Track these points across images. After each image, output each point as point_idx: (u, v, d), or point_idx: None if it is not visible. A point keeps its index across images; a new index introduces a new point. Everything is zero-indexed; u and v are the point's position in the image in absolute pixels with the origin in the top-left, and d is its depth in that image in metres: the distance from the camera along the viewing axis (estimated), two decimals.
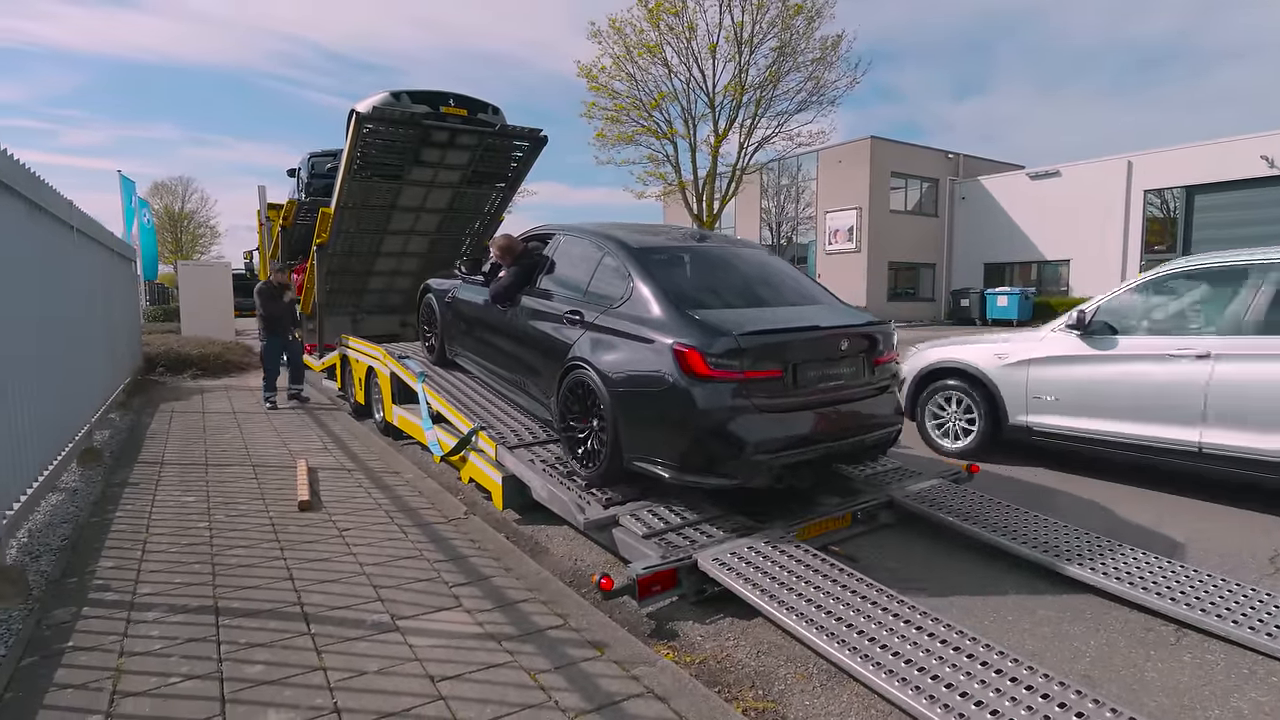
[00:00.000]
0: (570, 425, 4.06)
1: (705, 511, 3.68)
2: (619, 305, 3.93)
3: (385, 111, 7.63)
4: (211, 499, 4.58)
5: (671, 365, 3.41)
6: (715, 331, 3.42)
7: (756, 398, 3.39)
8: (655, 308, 3.71)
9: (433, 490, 4.87)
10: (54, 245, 4.98)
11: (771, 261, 4.71)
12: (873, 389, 3.89)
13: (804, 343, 3.63)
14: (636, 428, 3.60)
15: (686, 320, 3.55)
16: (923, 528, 4.09)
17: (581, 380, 3.90)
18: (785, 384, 3.49)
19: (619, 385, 3.66)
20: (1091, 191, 23.64)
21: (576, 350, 3.99)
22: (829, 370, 3.68)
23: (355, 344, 7.89)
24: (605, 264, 4.24)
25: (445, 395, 5.45)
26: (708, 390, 3.34)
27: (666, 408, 3.44)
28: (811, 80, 16.48)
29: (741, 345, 3.36)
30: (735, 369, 3.35)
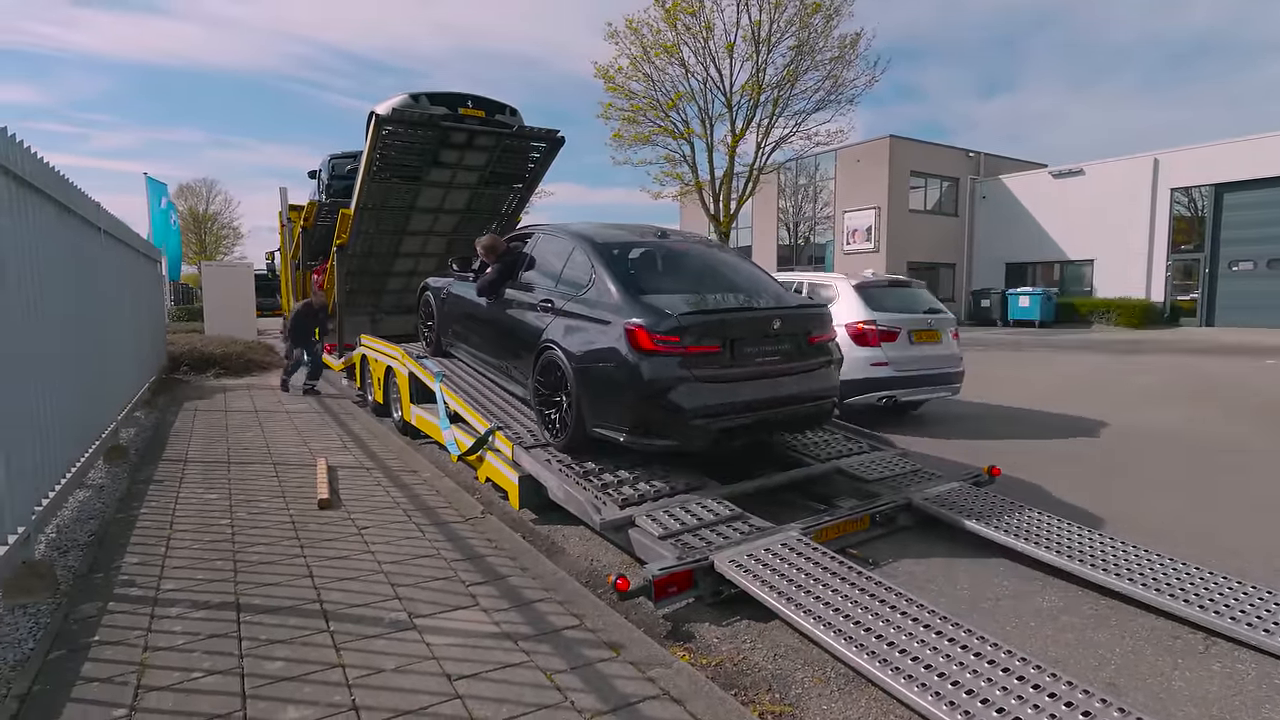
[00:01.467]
0: (543, 400, 4.55)
1: (722, 513, 3.67)
2: (584, 293, 4.41)
3: (404, 113, 7.69)
4: (233, 497, 4.64)
5: (624, 342, 3.87)
6: (661, 313, 3.88)
7: (697, 370, 3.82)
8: (613, 293, 4.18)
9: (450, 489, 4.90)
10: (82, 246, 5.08)
11: (723, 254, 5.29)
12: (807, 365, 4.26)
13: (739, 321, 4.10)
14: (596, 398, 4.08)
15: (638, 303, 4.02)
16: (942, 531, 4.03)
17: (551, 360, 4.39)
18: (723, 358, 3.92)
19: (582, 362, 4.13)
20: (1117, 190, 23.21)
21: (548, 334, 4.48)
22: (764, 347, 4.10)
23: (374, 344, 7.97)
24: (574, 258, 4.70)
25: (463, 395, 5.48)
26: (654, 363, 3.79)
27: (620, 380, 3.90)
28: (830, 79, 16.37)
29: (682, 324, 3.81)
30: (678, 345, 3.78)
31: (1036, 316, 22.96)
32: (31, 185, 3.71)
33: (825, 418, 4.50)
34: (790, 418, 4.25)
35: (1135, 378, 10.80)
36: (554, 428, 4.46)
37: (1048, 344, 16.97)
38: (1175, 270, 22.46)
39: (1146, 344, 16.44)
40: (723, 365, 3.92)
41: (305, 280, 12.02)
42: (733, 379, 3.94)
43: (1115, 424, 7.40)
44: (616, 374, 3.92)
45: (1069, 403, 8.69)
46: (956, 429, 7.28)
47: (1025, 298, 23.38)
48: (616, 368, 3.92)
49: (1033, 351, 15.29)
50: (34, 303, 3.68)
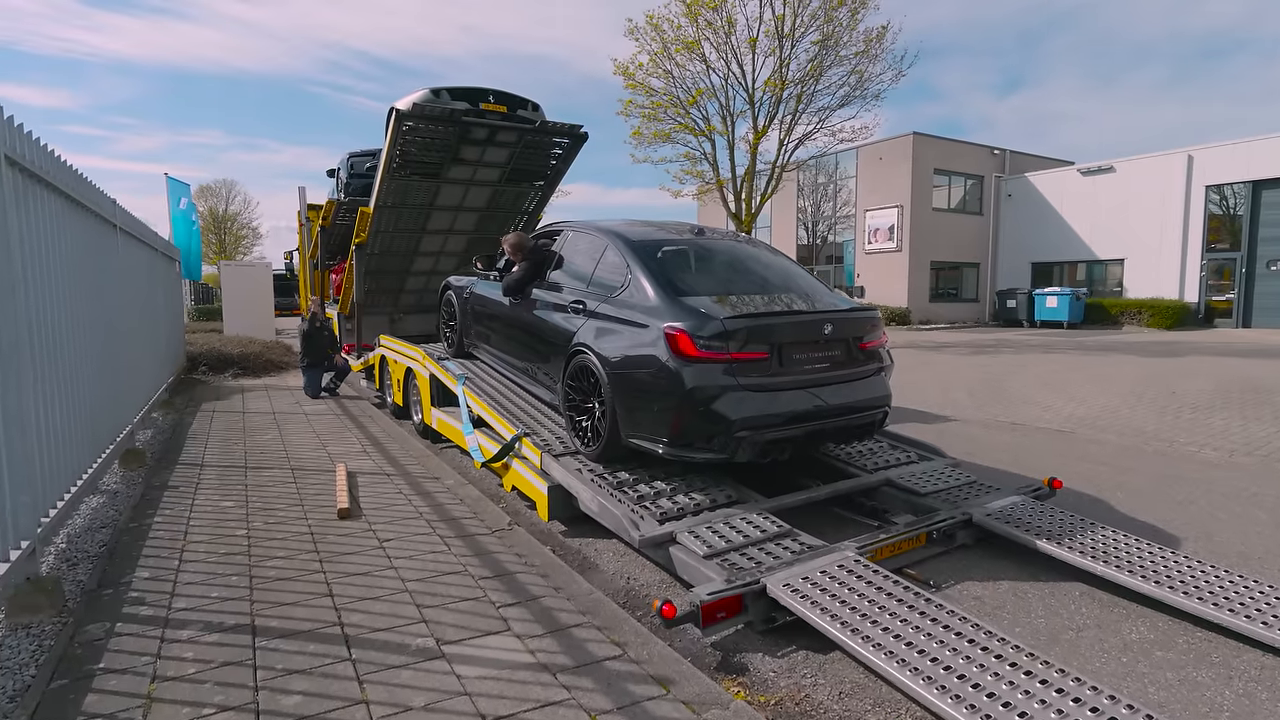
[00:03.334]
0: (573, 406, 4.32)
1: (769, 529, 3.40)
2: (618, 294, 4.17)
3: (425, 108, 7.50)
4: (250, 504, 4.45)
5: (664, 348, 3.63)
6: (704, 315, 3.64)
7: (743, 377, 3.57)
8: (650, 294, 3.95)
9: (474, 498, 4.67)
10: (95, 243, 4.92)
11: (764, 253, 4.94)
12: (858, 372, 4.01)
13: (788, 325, 3.84)
14: (632, 406, 3.83)
15: (679, 305, 3.79)
16: (1005, 549, 3.74)
17: (584, 364, 4.15)
18: (771, 365, 3.66)
19: (617, 368, 3.89)
20: (1148, 187, 22.59)
21: (580, 337, 4.24)
22: (814, 353, 3.85)
23: (393, 344, 7.78)
24: (607, 256, 4.46)
25: (486, 399, 5.26)
26: (697, 370, 3.54)
27: (660, 387, 3.66)
28: (855, 74, 15.98)
29: (728, 328, 3.56)
30: (722, 350, 3.54)
31: (1065, 317, 22.39)
32: (40, 179, 3.53)
33: (877, 428, 4.22)
34: (841, 429, 3.97)
35: (1185, 382, 10.36)
36: (585, 436, 4.24)
37: (1081, 346, 16.48)
38: (1210, 270, 21.80)
39: (1183, 346, 15.90)
40: (770, 373, 3.67)
41: (324, 280, 11.92)
42: (781, 387, 3.69)
43: (1171, 433, 7.02)
44: (655, 381, 3.69)
45: (1121, 409, 8.32)
46: (994, 442, 6.95)
47: (1053, 298, 22.82)
48: (655, 374, 3.68)
49: (1067, 355, 14.83)
50: (44, 302, 3.50)
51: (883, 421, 4.18)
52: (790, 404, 3.69)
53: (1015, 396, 9.35)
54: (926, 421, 7.70)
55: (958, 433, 7.10)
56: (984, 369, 12.42)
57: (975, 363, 13.47)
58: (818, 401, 3.78)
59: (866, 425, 4.09)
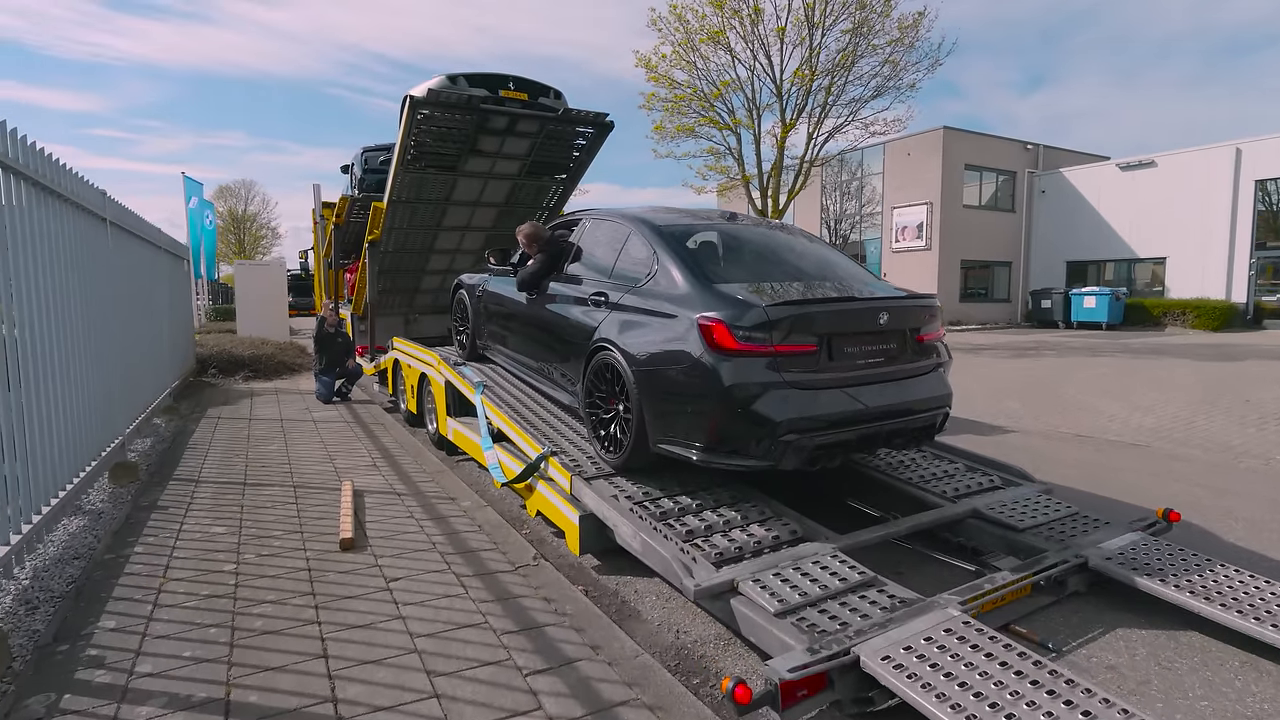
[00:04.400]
0: (595, 409, 3.91)
1: (850, 577, 2.82)
2: (644, 284, 3.78)
3: (441, 95, 7.00)
4: (244, 531, 3.95)
5: (697, 340, 3.22)
6: (743, 304, 3.22)
7: (788, 373, 3.15)
8: (680, 283, 3.55)
9: (494, 523, 4.15)
10: (79, 238, 4.46)
11: (804, 239, 4.53)
12: (916, 367, 3.59)
13: (839, 314, 3.40)
14: (662, 408, 3.43)
15: (713, 293, 3.37)
16: (1125, 597, 3.13)
17: (606, 362, 3.75)
18: (819, 359, 3.24)
19: (644, 364, 3.48)
20: (1192, 183, 21.59)
21: (601, 332, 3.85)
22: (867, 346, 3.43)
23: (407, 347, 7.29)
24: (631, 244, 4.09)
25: (508, 410, 4.73)
26: (735, 365, 3.13)
27: (692, 385, 3.24)
28: (889, 64, 15.28)
29: (771, 317, 3.14)
30: (764, 342, 3.13)
31: (1104, 318, 21.47)
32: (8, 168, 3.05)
33: (937, 431, 3.76)
34: (898, 432, 3.50)
35: (1257, 390, 9.60)
36: (609, 443, 3.81)
37: (1126, 348, 15.65)
38: (1259, 269, 20.78)
39: (1239, 349, 15.02)
40: (819, 368, 3.24)
41: (338, 279, 11.50)
42: (831, 384, 3.26)
43: (1260, 447, 6.33)
44: (688, 379, 3.25)
45: (1194, 419, 7.61)
46: (1063, 457, 6.30)
47: (1091, 298, 21.90)
48: (688, 371, 3.25)
49: (1115, 358, 14.04)
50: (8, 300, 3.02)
51: (943, 423, 3.72)
52: (842, 403, 3.24)
53: (1072, 404, 8.67)
54: (982, 433, 7.06)
55: (1019, 446, 6.45)
56: (1030, 373, 11.71)
57: (1019, 366, 12.75)
58: (872, 400, 3.34)
59: (926, 428, 3.64)
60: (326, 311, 9.11)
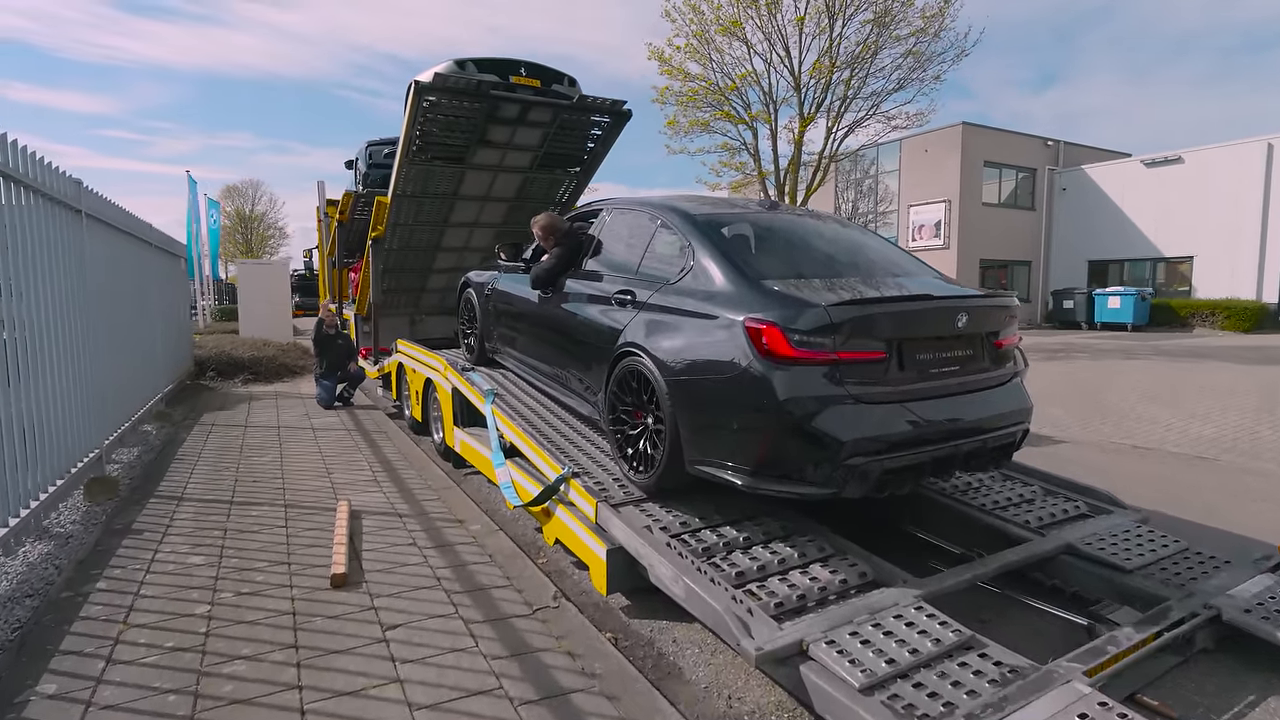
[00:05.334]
0: (621, 423, 3.49)
1: (944, 637, 2.32)
2: (677, 281, 3.36)
3: (449, 80, 6.54)
4: (223, 562, 3.49)
5: (744, 346, 2.82)
6: (799, 303, 2.80)
7: (852, 385, 2.76)
8: (722, 279, 3.14)
9: (506, 552, 3.67)
10: (47, 232, 4.02)
11: (856, 231, 4.10)
12: (994, 377, 3.19)
13: (912, 316, 2.98)
14: (701, 424, 3.00)
15: (762, 292, 2.95)
16: (1267, 655, 2.61)
17: (633, 369, 3.34)
18: (888, 368, 2.83)
19: (679, 373, 3.07)
20: (1221, 179, 20.90)
21: (627, 335, 3.45)
22: (942, 353, 3.01)
23: (412, 350, 6.82)
24: (660, 237, 3.70)
25: (521, 423, 4.25)
26: (791, 376, 2.72)
27: (738, 399, 2.83)
28: (911, 55, 14.70)
29: (833, 319, 2.72)
30: (825, 348, 2.73)
31: (1129, 319, 20.80)
32: None
33: (1016, 449, 3.34)
34: (976, 452, 3.06)
35: None
36: (637, 461, 3.38)
37: (1159, 351, 15.04)
38: None
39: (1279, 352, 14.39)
40: (889, 379, 2.83)
41: (342, 279, 11.09)
42: (902, 398, 2.85)
43: None
44: (733, 391, 2.84)
45: (1258, 429, 7.05)
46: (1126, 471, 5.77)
47: (1115, 298, 21.24)
48: (733, 382, 2.84)
49: (1150, 361, 13.45)
50: None
51: (1022, 441, 3.32)
52: (914, 420, 2.84)
53: (1119, 411, 8.12)
54: (1030, 443, 6.51)
55: (1074, 459, 5.92)
56: (1066, 377, 11.15)
57: (1052, 370, 12.18)
58: (948, 416, 2.94)
59: (1005, 446, 3.22)
60: (325, 313, 8.66)
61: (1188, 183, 21.70)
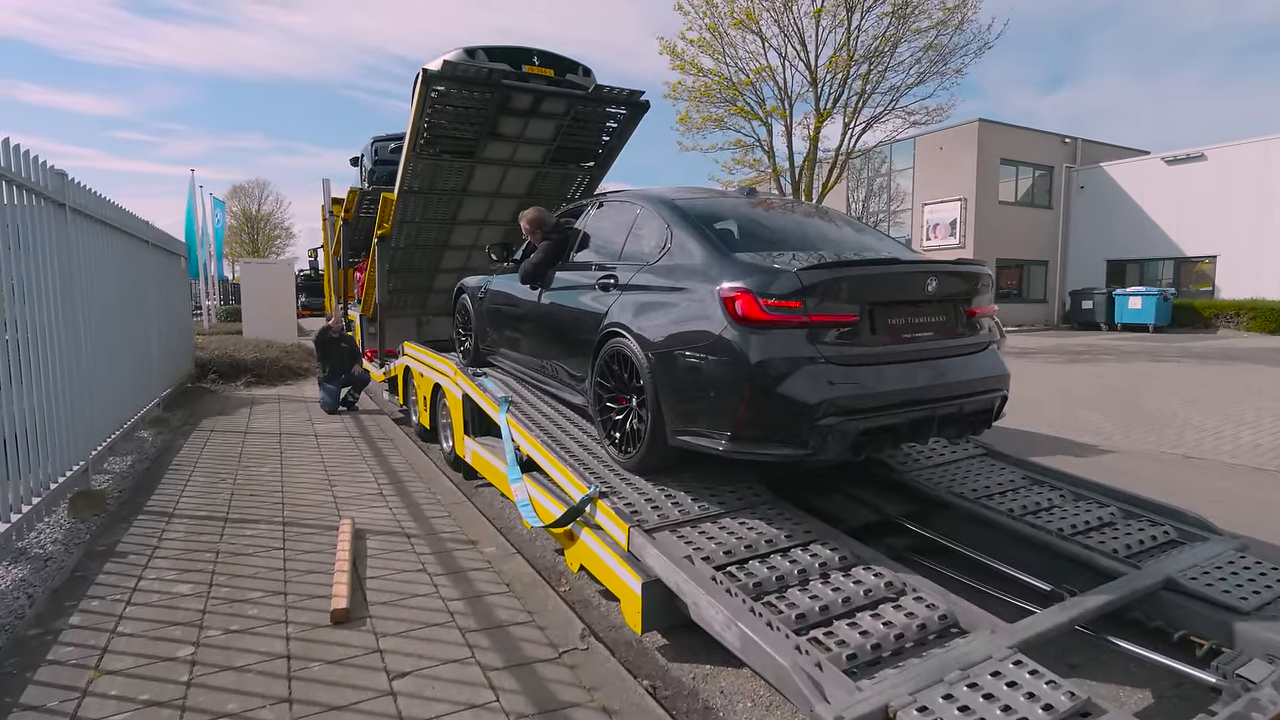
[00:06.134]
0: (605, 405, 3.57)
1: (1053, 700, 1.95)
2: (657, 260, 3.45)
3: (458, 68, 6.20)
4: (213, 591, 3.15)
5: (720, 315, 2.90)
6: (770, 270, 2.89)
7: (825, 347, 2.81)
8: (697, 253, 3.24)
9: (525, 581, 3.31)
10: (23, 227, 3.69)
11: (830, 216, 4.18)
12: (968, 343, 3.22)
13: (881, 279, 3.06)
14: (680, 395, 3.07)
15: (734, 262, 3.05)
16: None
17: (617, 350, 3.42)
18: (861, 330, 2.89)
19: (659, 348, 3.14)
20: (1246, 176, 20.39)
21: (611, 317, 3.51)
22: (914, 318, 3.06)
23: (420, 354, 6.48)
24: (641, 221, 3.78)
25: (540, 434, 3.90)
26: (764, 339, 2.79)
27: (715, 366, 2.90)
28: (932, 48, 14.26)
29: (804, 282, 2.79)
30: (797, 313, 2.78)
31: (1151, 320, 20.31)
32: None
33: (995, 417, 3.36)
34: (952, 417, 3.10)
35: None
36: (622, 442, 3.46)
37: (1188, 353, 14.59)
38: None
39: None
40: (861, 341, 2.89)
41: (347, 279, 10.77)
42: (875, 360, 2.91)
43: None
44: (710, 359, 2.91)
45: None
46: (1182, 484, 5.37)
47: (1136, 298, 20.75)
48: (710, 350, 2.91)
49: (1181, 364, 13.00)
50: None
51: (1000, 409, 3.35)
52: (888, 381, 2.90)
53: (1159, 416, 7.72)
54: (1074, 452, 6.15)
55: (1126, 470, 5.53)
56: (1096, 380, 10.73)
57: (1080, 372, 11.76)
58: (923, 379, 2.99)
59: (983, 412, 3.26)
60: (335, 318, 8.34)
61: (1211, 180, 21.20)
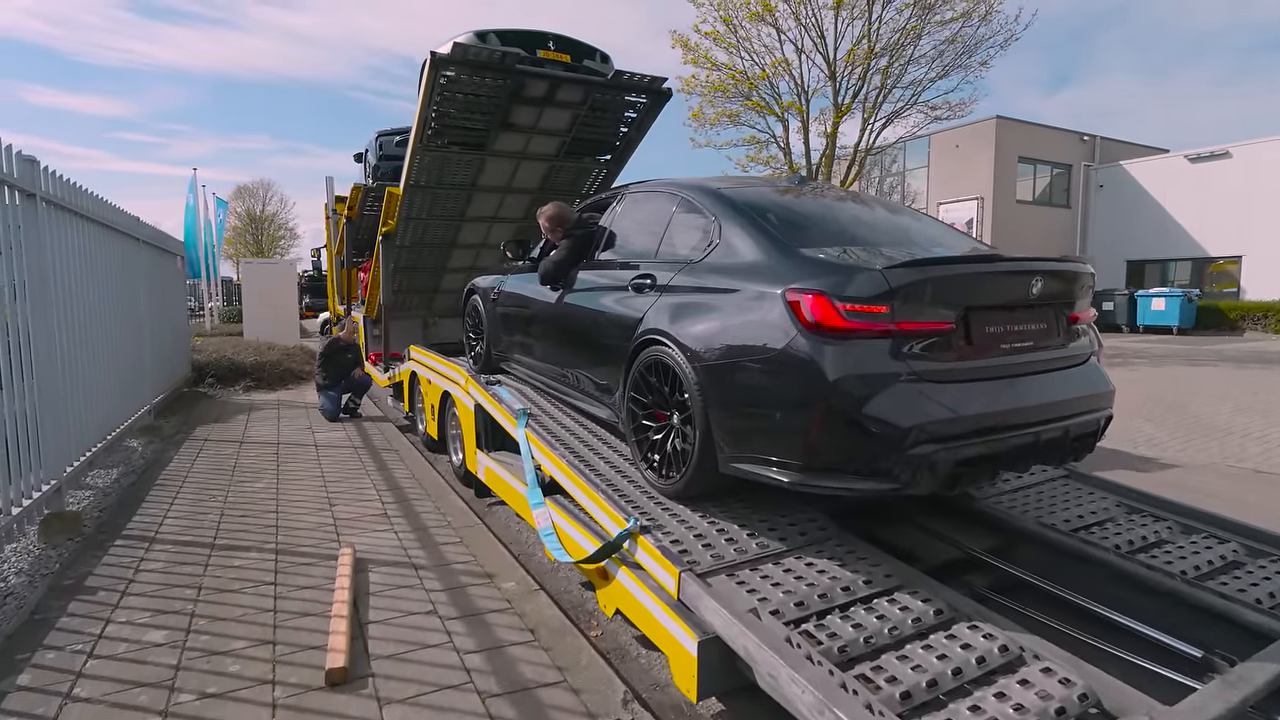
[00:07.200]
0: (643, 424, 3.10)
1: None
2: (703, 258, 3.02)
3: (470, 51, 5.76)
4: (191, 640, 2.71)
5: (784, 320, 2.48)
6: (848, 268, 2.50)
7: (915, 361, 2.39)
8: (753, 250, 2.81)
9: (552, 626, 2.87)
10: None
11: (891, 207, 3.74)
12: (1070, 356, 2.82)
13: (982, 279, 2.64)
14: (736, 415, 2.65)
15: (800, 258, 2.63)
16: None
17: (656, 360, 2.98)
18: (956, 341, 2.47)
19: (709, 359, 2.71)
20: (1273, 174, 19.84)
21: (649, 322, 3.08)
22: (1014, 325, 2.63)
23: (427, 359, 6.05)
24: (680, 215, 3.34)
25: (564, 453, 3.44)
26: (843, 351, 2.37)
27: (781, 383, 2.49)
28: (955, 40, 13.77)
29: (891, 283, 2.35)
30: (883, 319, 2.36)
31: (1175, 322, 19.75)
32: None
33: (1096, 441, 2.92)
34: (1057, 441, 2.65)
35: None
36: (662, 465, 2.98)
37: (1221, 356, 14.08)
38: None
39: None
40: (958, 354, 2.46)
41: (350, 279, 10.37)
42: (972, 376, 2.49)
43: None
44: (775, 374, 2.50)
45: None
46: (1263, 502, 4.90)
47: (1160, 300, 20.19)
48: (774, 363, 2.49)
49: (1217, 368, 12.50)
50: None
51: (1104, 430, 2.93)
52: (987, 401, 2.47)
53: (1215, 427, 7.24)
54: (1132, 466, 5.69)
55: (1193, 486, 5.07)
56: (1136, 386, 10.23)
57: (1116, 378, 11.15)
58: (1025, 398, 2.57)
59: (1088, 436, 2.83)
60: (347, 330, 7.94)
61: (1236, 178, 20.65)
